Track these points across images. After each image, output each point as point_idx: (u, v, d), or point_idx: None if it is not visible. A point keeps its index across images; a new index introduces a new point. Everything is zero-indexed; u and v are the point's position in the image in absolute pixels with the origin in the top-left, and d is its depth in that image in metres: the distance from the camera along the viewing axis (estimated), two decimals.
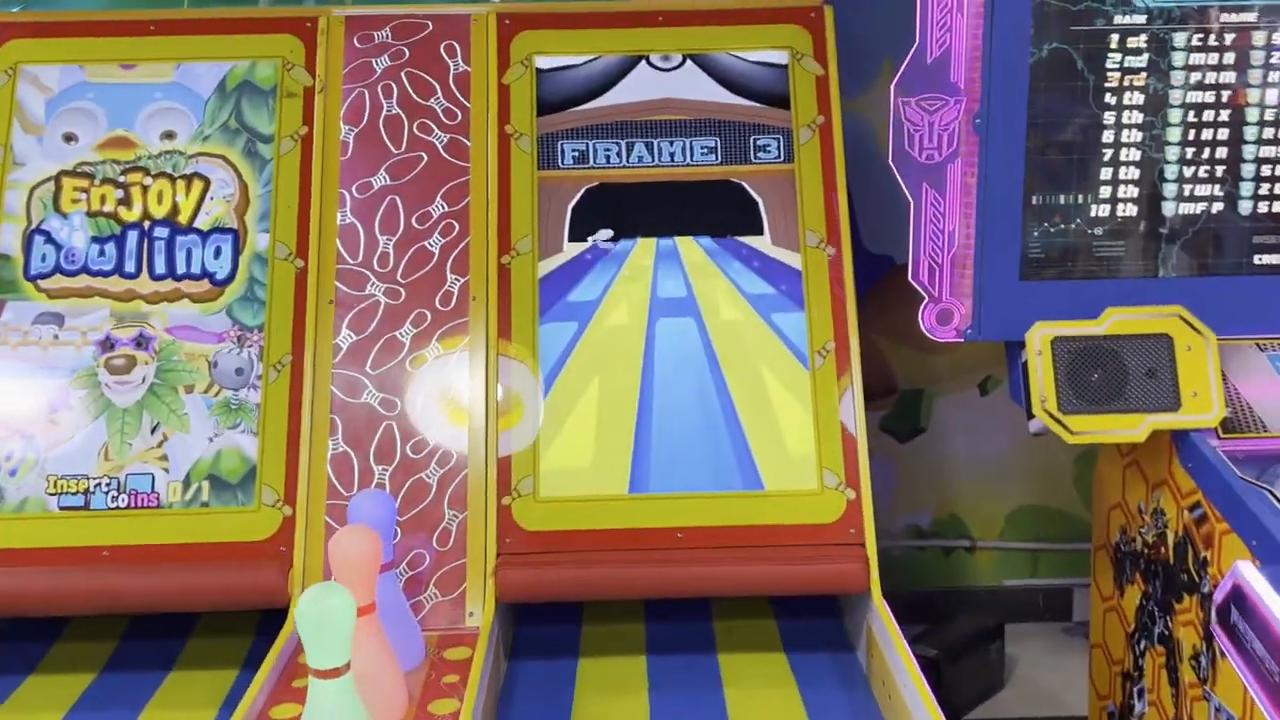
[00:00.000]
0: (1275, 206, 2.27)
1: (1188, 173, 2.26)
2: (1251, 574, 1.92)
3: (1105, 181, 2.26)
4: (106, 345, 2.34)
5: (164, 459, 2.29)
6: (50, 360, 2.34)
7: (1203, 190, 2.26)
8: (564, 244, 2.43)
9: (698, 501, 2.28)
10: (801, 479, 2.29)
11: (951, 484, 3.41)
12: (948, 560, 3.43)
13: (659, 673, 2.23)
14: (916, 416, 3.36)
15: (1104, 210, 2.27)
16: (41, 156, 2.44)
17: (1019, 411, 2.31)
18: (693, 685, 2.18)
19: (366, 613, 1.87)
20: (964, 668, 3.04)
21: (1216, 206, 2.27)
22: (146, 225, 2.41)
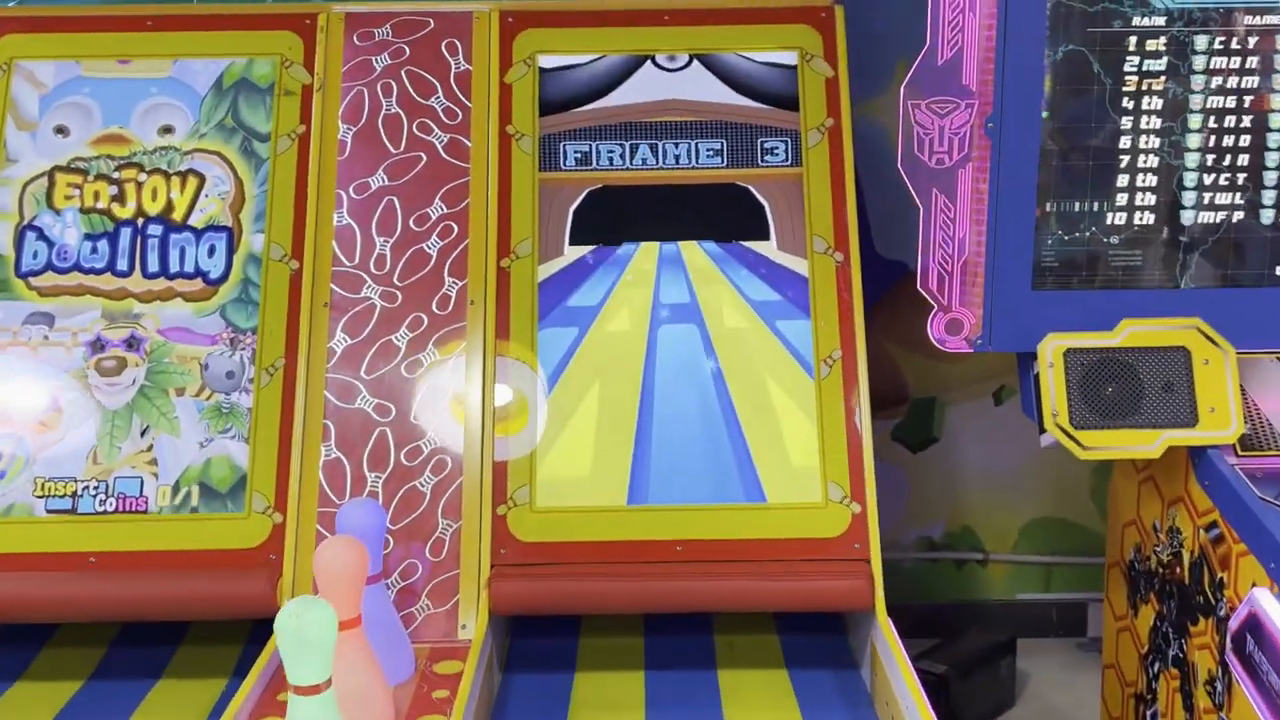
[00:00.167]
0: None
1: (1208, 180, 2.20)
2: (1269, 602, 1.85)
3: (1122, 188, 2.21)
4: (97, 346, 2.30)
5: (153, 463, 2.25)
6: (40, 361, 2.30)
7: (1223, 198, 2.21)
8: (565, 247, 2.38)
9: (698, 514, 2.23)
10: (805, 492, 2.24)
11: (964, 495, 3.35)
12: (960, 573, 3.38)
13: (657, 689, 2.19)
14: (929, 426, 3.31)
15: (1120, 218, 2.21)
16: (35, 153, 2.40)
17: (1033, 422, 2.25)
18: (691, 703, 2.14)
19: (351, 626, 1.83)
20: (974, 684, 2.99)
21: (1237, 215, 2.21)
22: (140, 222, 2.37)
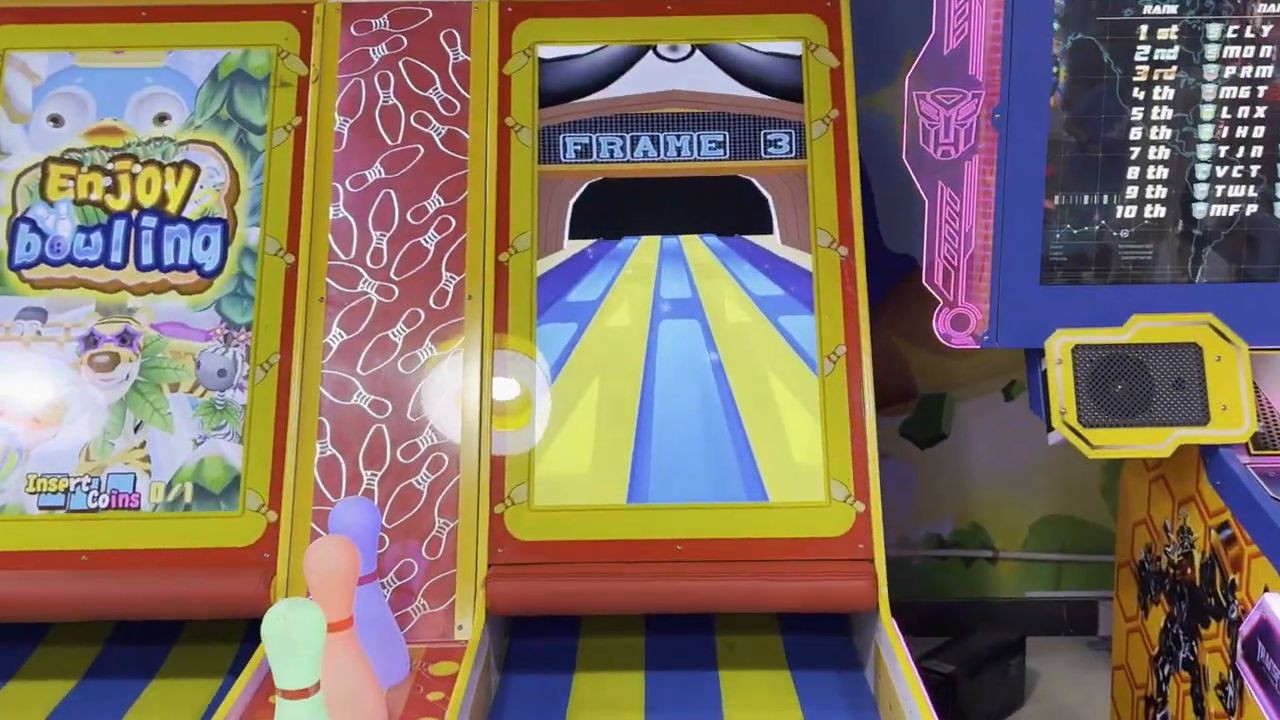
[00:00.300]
0: None
1: (1220, 172, 2.15)
2: None
3: (1132, 181, 2.16)
4: (90, 342, 2.28)
5: (146, 460, 2.22)
6: (32, 357, 2.27)
7: (1236, 191, 2.16)
8: (564, 241, 2.35)
9: (699, 513, 2.20)
10: (808, 490, 2.21)
11: (973, 492, 3.32)
12: (969, 571, 3.35)
13: (657, 690, 2.16)
14: (938, 422, 3.28)
15: (1131, 211, 2.17)
16: (28, 144, 2.38)
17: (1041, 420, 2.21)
18: (692, 704, 2.11)
19: (342, 628, 1.80)
20: (983, 683, 2.96)
21: (1251, 208, 2.17)
22: (134, 214, 2.34)
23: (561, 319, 2.30)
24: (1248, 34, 2.11)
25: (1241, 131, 2.14)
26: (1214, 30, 2.11)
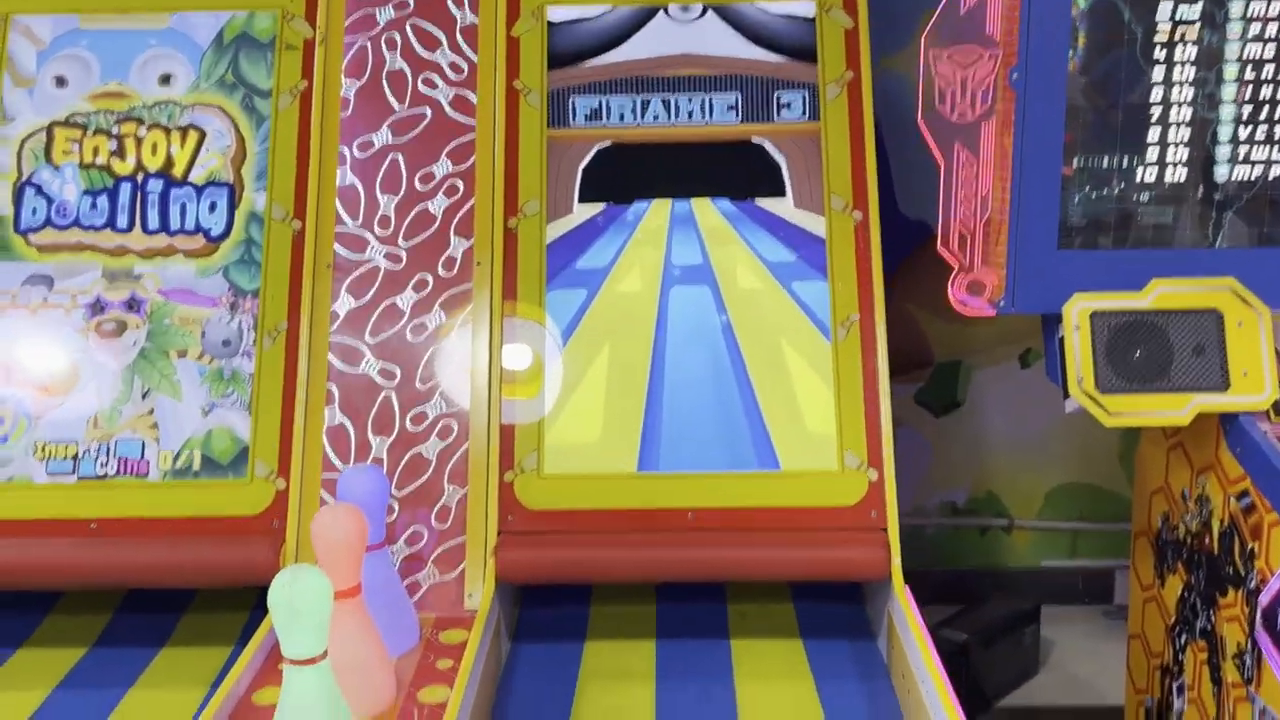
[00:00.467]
0: None
1: (1243, 134, 2.11)
2: None
3: (1153, 143, 2.12)
4: (97, 308, 2.26)
5: (154, 427, 2.20)
6: (39, 324, 2.26)
7: (1260, 153, 2.11)
8: (574, 206, 2.32)
9: (710, 481, 2.18)
10: (821, 459, 2.18)
11: (989, 460, 3.31)
12: (983, 539, 3.34)
13: (668, 659, 2.15)
14: (953, 389, 3.26)
15: (1151, 174, 2.12)
16: (32, 109, 2.35)
17: (1058, 387, 2.18)
18: (702, 674, 2.10)
19: (350, 595, 1.78)
20: (997, 652, 2.95)
21: (1274, 171, 2.12)
22: (140, 178, 2.32)
23: (571, 285, 2.27)
24: None
25: (1265, 92, 2.09)
26: None
